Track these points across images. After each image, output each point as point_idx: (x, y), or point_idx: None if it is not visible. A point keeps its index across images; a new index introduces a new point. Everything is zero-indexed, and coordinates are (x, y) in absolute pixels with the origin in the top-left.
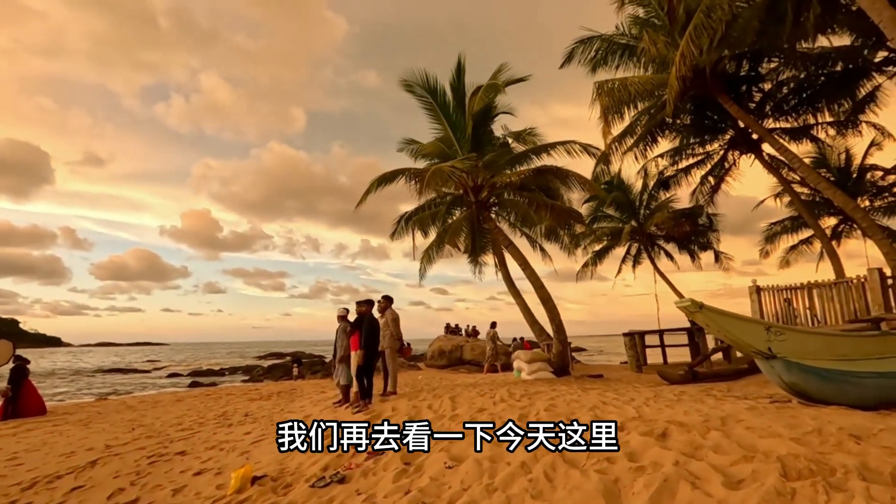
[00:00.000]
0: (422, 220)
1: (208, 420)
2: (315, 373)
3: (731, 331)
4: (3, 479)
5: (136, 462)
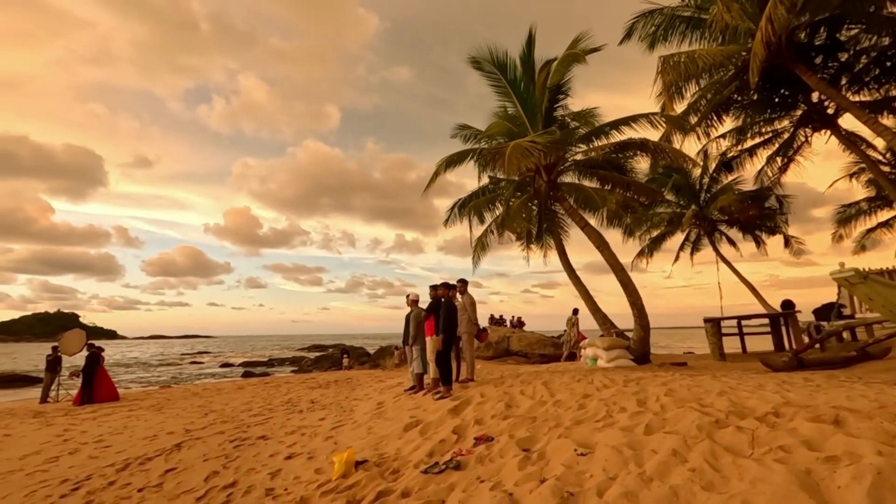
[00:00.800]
0: (477, 206)
1: (276, 406)
2: (363, 364)
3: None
4: (96, 460)
5: (220, 445)
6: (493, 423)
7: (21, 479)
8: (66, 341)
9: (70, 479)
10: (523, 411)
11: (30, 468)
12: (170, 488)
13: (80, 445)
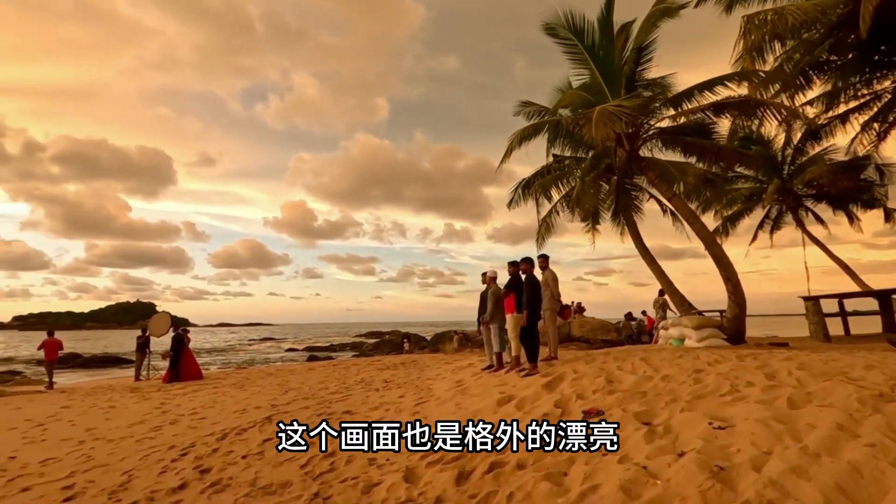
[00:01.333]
0: (544, 184)
1: (351, 385)
2: (423, 348)
3: None
4: (195, 430)
5: (308, 419)
6: (597, 397)
7: (132, 444)
8: (153, 324)
9: (176, 445)
10: (628, 386)
11: (138, 435)
12: (271, 456)
13: (178, 417)
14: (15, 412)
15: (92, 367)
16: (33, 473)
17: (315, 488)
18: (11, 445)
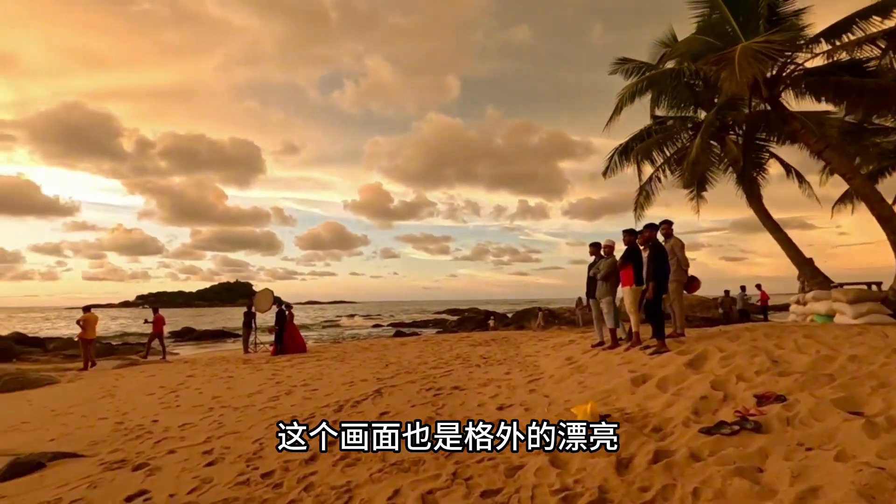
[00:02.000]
0: (647, 148)
1: (449, 361)
2: (507, 326)
3: None
4: (310, 401)
5: (418, 393)
6: (764, 379)
7: (255, 413)
8: (258, 300)
9: (297, 416)
10: (803, 367)
11: (259, 404)
12: None
13: (291, 388)
14: (150, 379)
15: (205, 339)
16: (175, 437)
17: (451, 468)
18: (153, 410)
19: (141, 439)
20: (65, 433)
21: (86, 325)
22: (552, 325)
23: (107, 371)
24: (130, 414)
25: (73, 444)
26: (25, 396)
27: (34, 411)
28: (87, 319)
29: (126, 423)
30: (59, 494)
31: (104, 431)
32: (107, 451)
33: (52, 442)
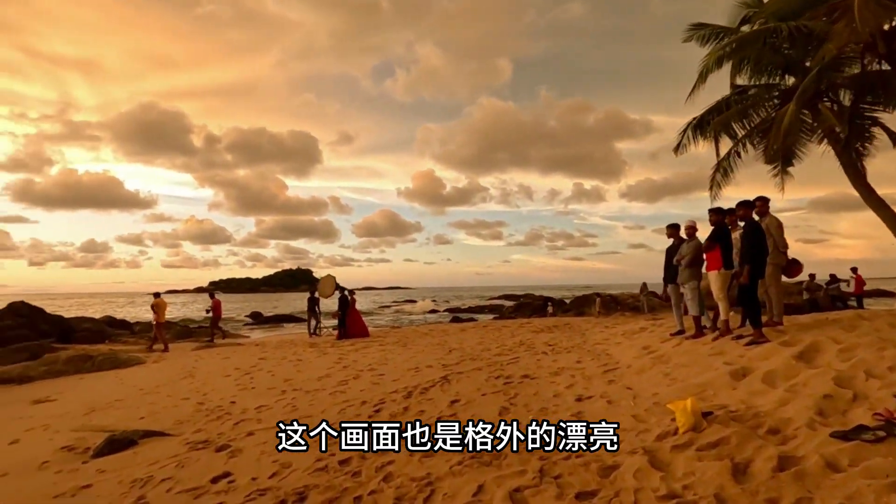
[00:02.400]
0: (725, 120)
1: (512, 348)
2: (566, 312)
3: None
4: (378, 385)
5: (487, 381)
6: None
7: (326, 397)
8: (321, 286)
9: (367, 401)
10: None
11: (329, 388)
12: (465, 420)
13: (358, 372)
14: (225, 361)
15: (271, 323)
16: (252, 419)
17: (536, 463)
18: (230, 391)
19: (221, 420)
20: (153, 412)
21: (158, 310)
22: (614, 312)
23: (186, 352)
24: (210, 395)
25: (161, 422)
26: (117, 375)
27: (125, 390)
28: (158, 304)
29: (206, 403)
30: (151, 472)
31: (187, 411)
32: (191, 430)
33: (142, 420)
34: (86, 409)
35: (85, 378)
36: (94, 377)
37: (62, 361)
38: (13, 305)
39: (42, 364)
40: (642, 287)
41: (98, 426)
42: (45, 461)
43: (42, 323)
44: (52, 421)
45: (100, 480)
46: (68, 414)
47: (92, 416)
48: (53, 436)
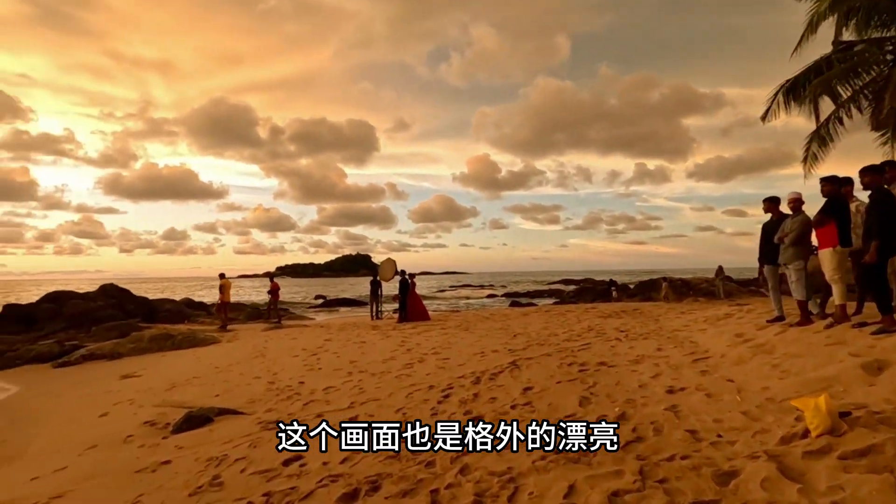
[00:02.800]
0: (827, 81)
1: (581, 333)
2: (632, 296)
3: None
4: (444, 370)
5: (559, 369)
6: None
7: (393, 380)
8: (382, 269)
9: (434, 385)
10: None
11: (395, 371)
12: (543, 409)
13: (423, 356)
14: (293, 342)
15: (334, 306)
16: (321, 400)
17: (634, 464)
18: (298, 371)
19: (291, 400)
20: (227, 389)
21: (223, 290)
22: (686, 297)
23: (257, 333)
24: (280, 374)
25: (234, 400)
26: (195, 354)
27: (202, 368)
28: (224, 285)
29: (277, 382)
30: (226, 451)
31: (259, 390)
32: (262, 409)
33: (217, 397)
34: (167, 385)
35: (166, 355)
36: (174, 355)
37: (147, 339)
38: (105, 288)
39: (130, 342)
40: (718, 270)
41: (177, 402)
42: (129, 435)
43: (129, 303)
44: (137, 395)
45: (178, 457)
46: (151, 389)
47: (172, 391)
48: (138, 410)
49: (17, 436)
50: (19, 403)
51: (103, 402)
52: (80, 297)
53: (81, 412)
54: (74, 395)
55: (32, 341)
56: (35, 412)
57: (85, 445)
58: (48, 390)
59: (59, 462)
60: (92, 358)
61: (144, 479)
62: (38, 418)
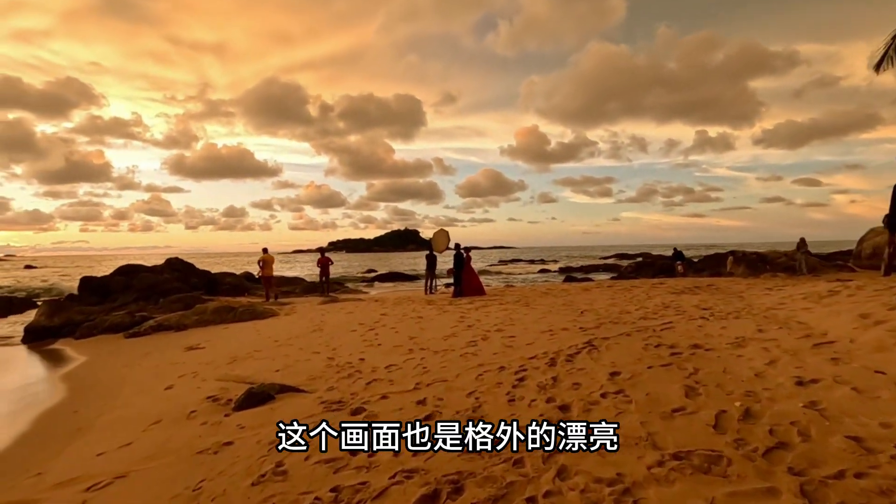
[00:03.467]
0: None
1: (656, 310)
2: (699, 271)
3: None
4: (511, 349)
5: (645, 350)
6: None
7: (458, 359)
8: (434, 240)
9: (505, 366)
10: None
11: (458, 349)
12: (640, 400)
13: (485, 333)
14: (349, 316)
15: (386, 280)
16: (384, 379)
17: (789, 480)
18: (357, 347)
19: (352, 378)
20: (286, 364)
21: (265, 265)
22: (762, 272)
23: (314, 307)
24: (339, 350)
25: (295, 377)
26: (255, 327)
27: (262, 341)
28: (265, 260)
29: (336, 359)
30: None
31: (319, 366)
32: (324, 388)
33: (277, 373)
34: (228, 359)
35: (228, 328)
36: (236, 327)
37: (210, 312)
38: (171, 261)
39: (194, 314)
40: (800, 243)
41: (239, 377)
42: (192, 410)
43: (193, 277)
44: (201, 368)
45: (240, 438)
46: (213, 362)
47: (234, 365)
48: (201, 384)
49: (89, 406)
50: (94, 373)
51: (170, 374)
52: (148, 270)
53: (149, 384)
54: (144, 365)
55: (107, 312)
56: (108, 382)
57: (150, 420)
58: (122, 361)
59: (125, 437)
60: (160, 329)
61: (206, 461)
62: (111, 388)
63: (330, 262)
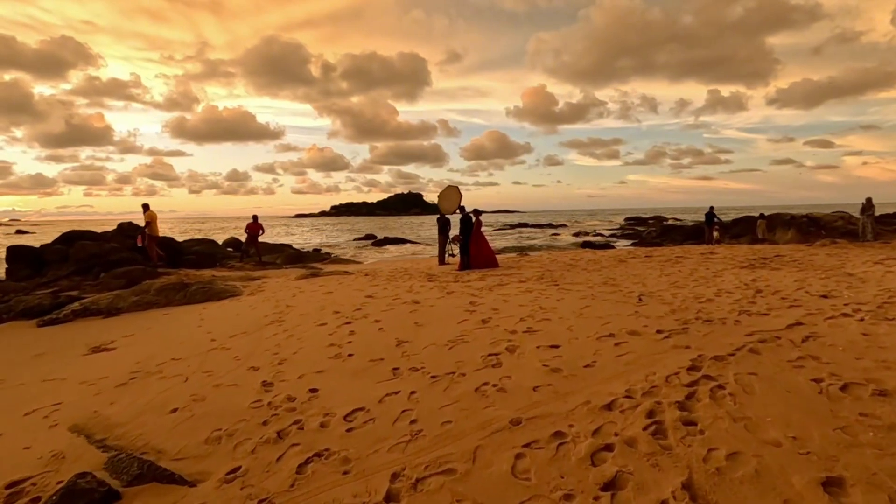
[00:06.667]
0: None
1: (746, 297)
2: (736, 237)
3: None
4: (560, 377)
5: (809, 385)
6: None
7: (474, 401)
8: (442, 198)
9: (560, 428)
10: None
11: (471, 373)
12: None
13: (509, 336)
14: (325, 298)
15: (385, 244)
16: (335, 452)
17: None
18: (317, 361)
19: (284, 441)
20: (196, 394)
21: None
22: (816, 237)
23: (288, 282)
24: (288, 365)
25: (190, 431)
26: (201, 314)
27: (194, 338)
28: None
29: (276, 386)
30: None
31: (241, 405)
32: (223, 470)
33: (172, 415)
34: (131, 372)
35: (170, 313)
36: (179, 312)
37: (153, 291)
38: (122, 226)
39: (133, 294)
40: (865, 205)
41: (103, 428)
42: None
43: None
44: (77, 394)
45: None
46: (106, 379)
47: (128, 386)
48: (45, 435)
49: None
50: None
51: (23, 405)
52: (92, 237)
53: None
54: (8, 383)
55: (31, 290)
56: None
57: None
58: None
59: None
60: (85, 314)
61: None
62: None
63: (261, 229)
